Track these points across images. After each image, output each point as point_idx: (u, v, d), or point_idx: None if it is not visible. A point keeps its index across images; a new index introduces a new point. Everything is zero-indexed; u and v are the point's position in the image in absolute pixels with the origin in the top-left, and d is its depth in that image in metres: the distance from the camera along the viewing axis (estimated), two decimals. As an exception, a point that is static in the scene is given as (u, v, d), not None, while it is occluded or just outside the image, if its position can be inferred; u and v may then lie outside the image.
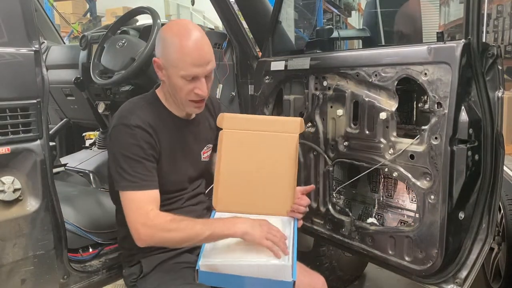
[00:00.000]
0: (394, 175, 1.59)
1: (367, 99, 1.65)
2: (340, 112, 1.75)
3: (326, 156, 1.83)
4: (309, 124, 1.90)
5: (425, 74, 1.45)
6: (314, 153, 1.90)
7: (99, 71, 2.14)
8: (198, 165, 1.57)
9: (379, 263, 1.71)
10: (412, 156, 1.52)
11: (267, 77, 2.08)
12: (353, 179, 1.82)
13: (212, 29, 2.88)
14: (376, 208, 1.87)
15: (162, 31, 1.40)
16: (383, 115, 1.59)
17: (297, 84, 1.98)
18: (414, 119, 1.75)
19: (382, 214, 1.84)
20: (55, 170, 2.17)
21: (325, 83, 1.81)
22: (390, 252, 1.63)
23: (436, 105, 1.43)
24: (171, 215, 1.33)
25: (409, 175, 1.54)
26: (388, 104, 1.59)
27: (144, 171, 1.34)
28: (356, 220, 1.77)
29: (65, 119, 2.86)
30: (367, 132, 1.66)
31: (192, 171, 1.54)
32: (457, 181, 1.44)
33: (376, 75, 1.61)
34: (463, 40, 1.39)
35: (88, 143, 2.92)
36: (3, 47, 1.33)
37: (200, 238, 1.32)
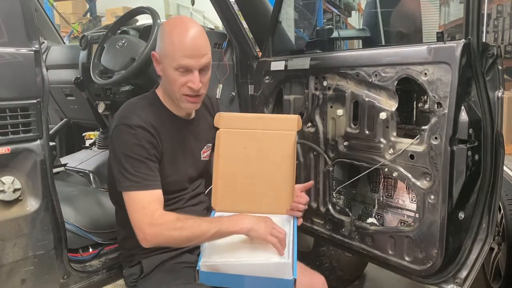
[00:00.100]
0: (394, 175, 1.59)
1: (367, 99, 1.65)
2: (340, 112, 1.75)
3: (326, 156, 1.83)
4: (309, 124, 1.90)
5: (425, 74, 1.45)
6: (314, 153, 1.90)
7: (99, 71, 2.14)
8: (198, 165, 1.57)
9: (379, 263, 1.71)
10: (412, 156, 1.52)
11: (267, 77, 2.08)
12: (353, 179, 1.82)
13: (212, 29, 2.88)
14: (376, 208, 1.87)
15: (162, 26, 1.42)
16: (383, 115, 1.59)
17: (297, 84, 1.97)
18: (414, 119, 1.75)
19: (382, 214, 1.84)
20: (55, 170, 2.17)
21: (325, 83, 1.81)
22: (390, 252, 1.63)
23: (436, 105, 1.43)
24: (176, 214, 1.33)
25: (409, 175, 1.54)
26: (388, 104, 1.59)
27: (147, 171, 1.33)
28: (356, 220, 1.77)
29: (65, 119, 2.86)
30: (367, 132, 1.66)
31: (193, 171, 1.54)
32: (457, 181, 1.44)
33: (376, 75, 1.61)
34: (463, 40, 1.39)
35: (88, 143, 2.92)
36: (3, 47, 1.33)
37: (207, 236, 1.31)
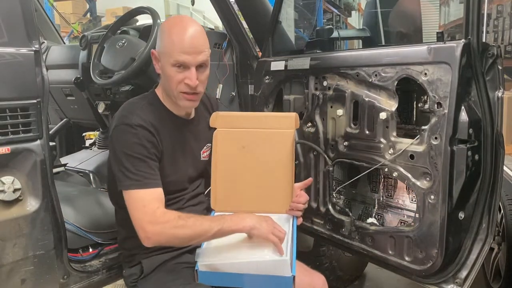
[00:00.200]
0: (394, 175, 1.59)
1: (367, 99, 1.65)
2: (340, 112, 1.75)
3: (326, 156, 1.83)
4: (309, 124, 1.90)
5: (425, 74, 1.45)
6: (314, 153, 1.90)
7: (99, 71, 2.14)
8: (198, 165, 1.56)
9: (379, 263, 1.71)
10: (412, 156, 1.52)
11: (267, 77, 2.08)
12: (353, 179, 1.82)
13: (212, 29, 2.88)
14: (376, 208, 1.87)
15: (161, 25, 1.43)
16: (383, 115, 1.59)
17: (297, 84, 1.97)
18: (414, 119, 1.75)
19: (382, 214, 1.84)
20: (55, 170, 2.17)
21: (325, 83, 1.81)
22: (390, 252, 1.63)
23: (436, 105, 1.43)
24: (178, 212, 1.33)
25: (409, 175, 1.54)
26: (388, 104, 1.59)
27: (148, 170, 1.33)
28: (356, 220, 1.77)
29: (65, 119, 2.86)
30: (367, 132, 1.66)
31: (192, 171, 1.54)
32: (457, 181, 1.44)
33: (376, 75, 1.61)
34: (463, 40, 1.39)
35: (88, 143, 2.92)
36: (3, 47, 1.33)
37: (209, 235, 1.31)
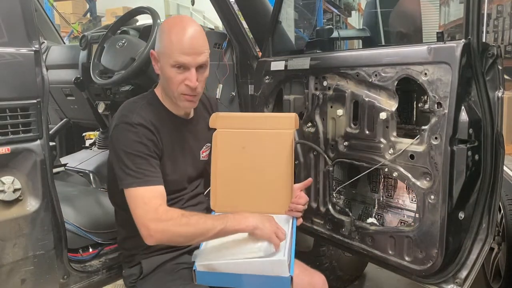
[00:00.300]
0: (394, 175, 1.59)
1: (367, 99, 1.65)
2: (340, 112, 1.75)
3: (326, 156, 1.83)
4: (309, 124, 1.90)
5: (425, 74, 1.45)
6: (314, 153, 1.90)
7: (99, 71, 2.14)
8: (198, 165, 1.56)
9: (379, 263, 1.71)
10: (412, 156, 1.52)
11: (267, 77, 2.08)
12: (353, 179, 1.82)
13: (212, 29, 2.88)
14: (376, 208, 1.86)
15: (161, 25, 1.42)
16: (383, 115, 1.59)
17: (297, 84, 1.97)
18: (414, 119, 1.75)
19: (382, 214, 1.84)
20: (55, 170, 2.17)
21: (325, 83, 1.81)
22: (390, 252, 1.63)
23: (436, 105, 1.43)
24: (181, 210, 1.32)
25: (409, 175, 1.54)
26: (388, 104, 1.59)
27: (148, 167, 1.32)
28: (356, 220, 1.77)
29: (65, 119, 2.86)
30: (367, 132, 1.66)
31: (192, 171, 1.54)
32: (457, 181, 1.44)
33: (376, 75, 1.61)
34: (463, 40, 1.39)
35: (88, 143, 2.92)
36: (3, 47, 1.33)
37: (212, 233, 1.30)
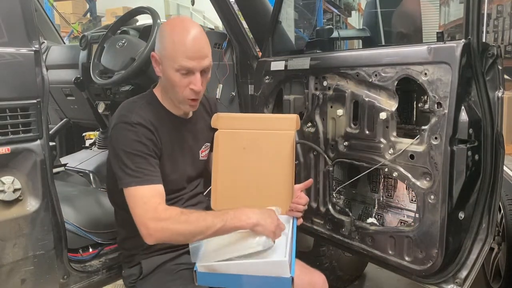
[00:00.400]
0: (394, 175, 1.59)
1: (367, 99, 1.65)
2: (340, 112, 1.75)
3: (326, 156, 1.83)
4: (309, 124, 1.90)
5: (425, 74, 1.45)
6: (314, 153, 1.90)
7: (99, 71, 2.14)
8: (197, 164, 1.56)
9: (379, 263, 1.71)
10: (412, 156, 1.52)
11: (267, 77, 2.08)
12: (353, 179, 1.82)
13: (212, 29, 2.88)
14: (376, 208, 1.86)
15: (161, 27, 1.41)
16: (383, 115, 1.59)
17: (297, 84, 1.97)
18: (414, 119, 1.75)
19: (382, 214, 1.84)
20: (55, 170, 2.17)
21: (325, 83, 1.81)
22: (390, 252, 1.63)
23: (436, 105, 1.43)
24: (180, 208, 1.32)
25: (409, 175, 1.54)
26: (388, 104, 1.59)
27: (147, 166, 1.32)
28: (356, 220, 1.77)
29: (65, 119, 2.86)
30: (367, 132, 1.66)
31: (191, 171, 1.53)
32: (457, 181, 1.44)
33: (376, 75, 1.61)
34: (463, 40, 1.39)
35: (88, 143, 2.92)
36: (3, 47, 1.33)
37: (212, 231, 1.29)
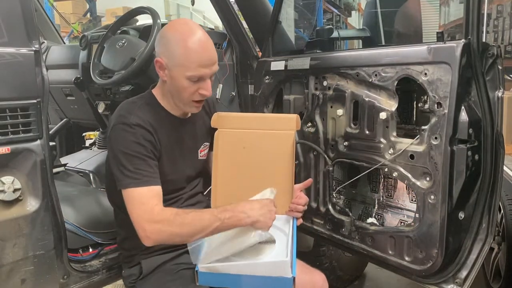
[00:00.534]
0: (394, 175, 1.59)
1: (367, 99, 1.65)
2: (340, 112, 1.75)
3: (326, 156, 1.83)
4: (309, 124, 1.90)
5: (425, 74, 1.45)
6: (314, 153, 1.90)
7: (99, 71, 2.14)
8: (196, 164, 1.56)
9: (379, 263, 1.71)
10: (412, 156, 1.52)
11: (267, 77, 2.08)
12: (353, 179, 1.82)
13: (212, 29, 2.88)
14: (376, 208, 1.87)
15: (165, 31, 1.38)
16: (383, 115, 1.59)
17: (297, 84, 1.97)
18: (414, 119, 1.75)
19: (382, 214, 1.84)
20: (55, 170, 2.17)
21: (325, 83, 1.81)
22: (390, 252, 1.63)
23: (436, 105, 1.43)
24: (176, 209, 1.32)
25: (409, 175, 1.54)
26: (388, 104, 1.59)
27: (146, 168, 1.32)
28: (356, 220, 1.77)
29: (65, 119, 2.86)
30: (367, 132, 1.66)
31: (190, 170, 1.54)
32: (457, 181, 1.44)
33: (376, 75, 1.61)
34: (463, 40, 1.39)
35: (88, 143, 2.92)
36: (3, 47, 1.33)
37: (209, 230, 1.29)
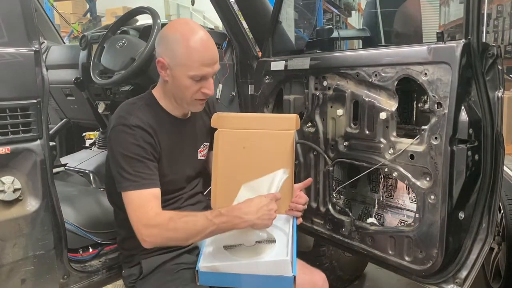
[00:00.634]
0: (394, 175, 1.59)
1: (367, 99, 1.65)
2: (340, 112, 1.75)
3: (326, 156, 1.83)
4: (309, 124, 1.90)
5: (425, 74, 1.45)
6: (314, 153, 1.90)
7: (99, 71, 2.13)
8: (196, 164, 1.56)
9: (379, 263, 1.71)
10: (412, 156, 1.52)
11: (267, 77, 2.08)
12: (353, 179, 1.82)
13: (212, 29, 2.88)
14: (376, 208, 1.86)
15: (166, 31, 1.38)
16: (383, 115, 1.59)
17: (297, 84, 1.97)
18: (414, 119, 1.75)
19: (382, 214, 1.84)
20: (55, 170, 2.17)
21: (325, 83, 1.81)
22: (390, 252, 1.63)
23: (436, 105, 1.43)
24: (171, 214, 1.31)
25: (409, 175, 1.54)
26: (388, 104, 1.59)
27: (146, 170, 1.32)
28: (356, 220, 1.77)
29: (65, 119, 2.86)
30: (367, 132, 1.66)
31: (190, 170, 1.54)
32: (457, 181, 1.44)
33: (376, 75, 1.61)
34: (463, 40, 1.39)
35: (88, 143, 2.92)
36: (3, 47, 1.33)
37: (204, 234, 1.29)
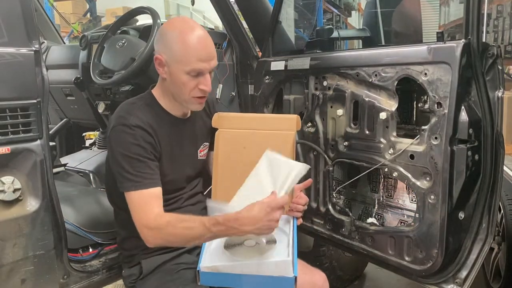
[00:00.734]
0: (394, 175, 1.59)
1: (367, 99, 1.65)
2: (340, 112, 1.75)
3: (326, 156, 1.83)
4: (309, 124, 1.90)
5: (425, 74, 1.45)
6: (314, 153, 1.90)
7: (99, 71, 2.13)
8: (196, 164, 1.56)
9: (379, 263, 1.71)
10: (412, 156, 1.52)
11: (267, 77, 2.08)
12: (353, 179, 1.82)
13: (212, 29, 2.88)
14: (376, 208, 1.86)
15: (164, 28, 1.39)
16: (383, 115, 1.59)
17: (297, 84, 1.97)
18: (414, 119, 1.75)
19: (382, 214, 1.84)
20: (55, 170, 2.17)
21: (325, 83, 1.81)
22: (390, 252, 1.63)
23: (436, 105, 1.43)
24: (169, 217, 1.29)
25: (409, 175, 1.54)
26: (388, 104, 1.59)
27: (147, 170, 1.33)
28: (356, 220, 1.77)
29: (65, 119, 2.86)
30: (367, 132, 1.66)
31: (190, 170, 1.54)
32: (457, 181, 1.44)
33: (376, 75, 1.61)
34: (463, 40, 1.39)
35: (88, 143, 2.92)
36: (3, 47, 1.33)
37: (201, 240, 1.30)
